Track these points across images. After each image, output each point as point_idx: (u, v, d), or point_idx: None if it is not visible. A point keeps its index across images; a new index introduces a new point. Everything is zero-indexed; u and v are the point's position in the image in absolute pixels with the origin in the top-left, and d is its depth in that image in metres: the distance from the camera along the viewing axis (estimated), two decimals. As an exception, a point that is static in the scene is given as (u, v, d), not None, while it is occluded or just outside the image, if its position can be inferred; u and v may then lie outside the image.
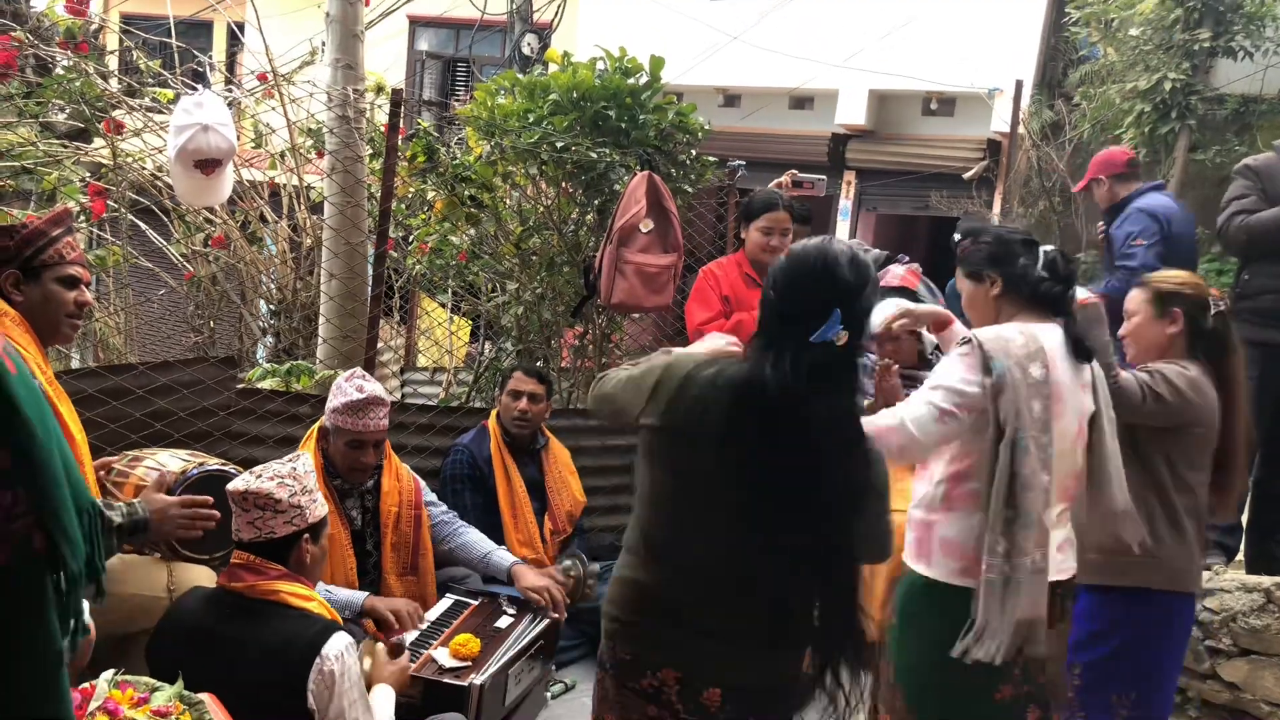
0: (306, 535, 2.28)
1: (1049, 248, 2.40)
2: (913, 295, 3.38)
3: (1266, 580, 3.74)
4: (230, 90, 5.65)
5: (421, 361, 6.71)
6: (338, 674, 2.13)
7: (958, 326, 2.65)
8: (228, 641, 2.17)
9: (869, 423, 2.09)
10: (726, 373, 1.90)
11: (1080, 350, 2.35)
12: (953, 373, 2.28)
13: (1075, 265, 2.47)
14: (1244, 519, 4.13)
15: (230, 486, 2.24)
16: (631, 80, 4.72)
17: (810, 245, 1.93)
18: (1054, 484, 2.27)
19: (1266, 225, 3.84)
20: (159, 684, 1.88)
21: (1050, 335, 2.32)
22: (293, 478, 2.26)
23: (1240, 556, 4.15)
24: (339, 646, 2.15)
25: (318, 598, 2.30)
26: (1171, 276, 2.85)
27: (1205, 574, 3.86)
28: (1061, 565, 2.37)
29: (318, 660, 2.11)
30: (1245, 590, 3.72)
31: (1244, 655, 3.69)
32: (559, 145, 4.54)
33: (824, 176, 5.13)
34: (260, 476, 2.24)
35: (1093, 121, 8.91)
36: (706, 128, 4.96)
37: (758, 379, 1.85)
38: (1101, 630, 2.72)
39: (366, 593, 3.11)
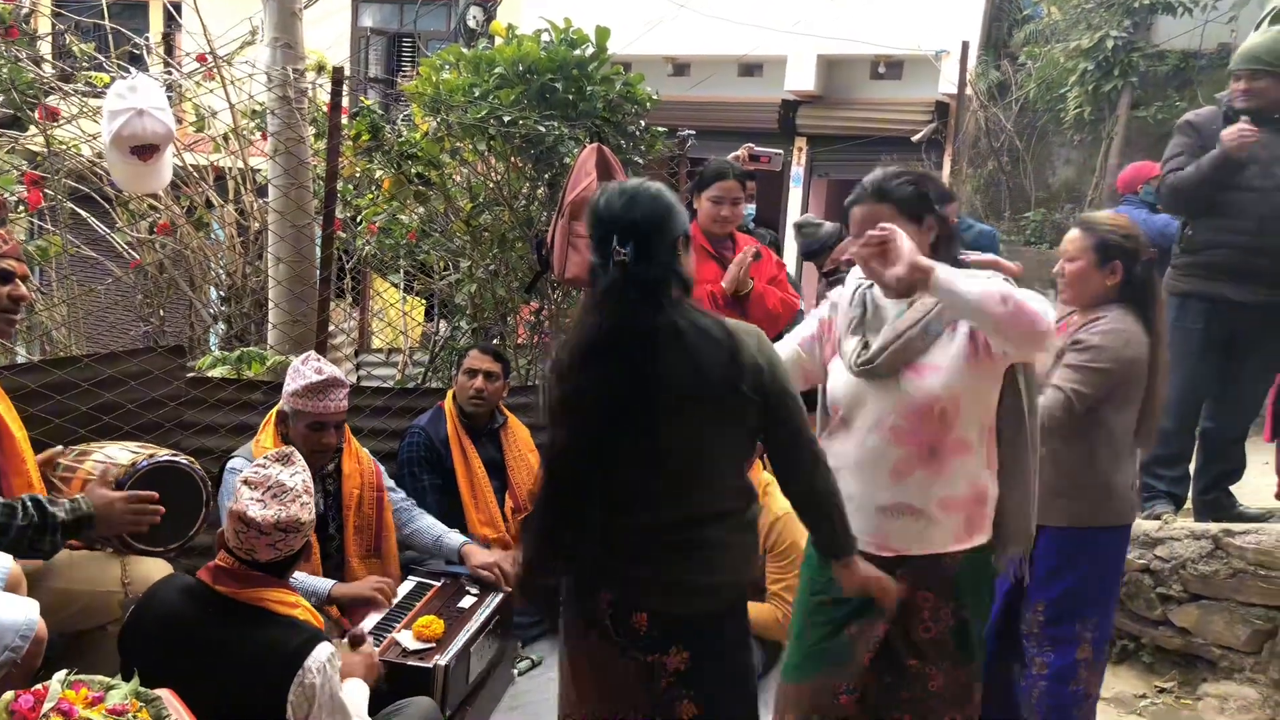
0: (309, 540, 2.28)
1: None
2: None
3: (1214, 527, 3.84)
4: (169, 73, 5.52)
5: (376, 343, 6.65)
6: (318, 686, 2.11)
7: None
8: (210, 642, 2.15)
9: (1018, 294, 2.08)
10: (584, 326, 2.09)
11: None
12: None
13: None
14: (1191, 468, 4.23)
15: (255, 517, 2.15)
16: (577, 52, 4.68)
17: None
18: None
19: (1187, 182, 3.91)
20: (114, 682, 1.86)
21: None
22: (307, 492, 2.23)
23: (1189, 505, 4.25)
24: (321, 658, 2.13)
25: (303, 603, 2.28)
26: (1110, 222, 2.87)
27: (1154, 523, 3.96)
28: None
29: (300, 673, 2.10)
30: (1194, 538, 3.82)
31: (1194, 601, 3.78)
32: (506, 119, 4.50)
33: (780, 150, 5.11)
34: (280, 498, 2.17)
35: (1038, 81, 8.98)
36: (655, 98, 4.94)
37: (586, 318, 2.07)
38: (1059, 566, 2.81)
39: (333, 581, 3.10)
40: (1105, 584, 2.90)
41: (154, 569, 2.68)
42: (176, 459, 2.66)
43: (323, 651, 2.14)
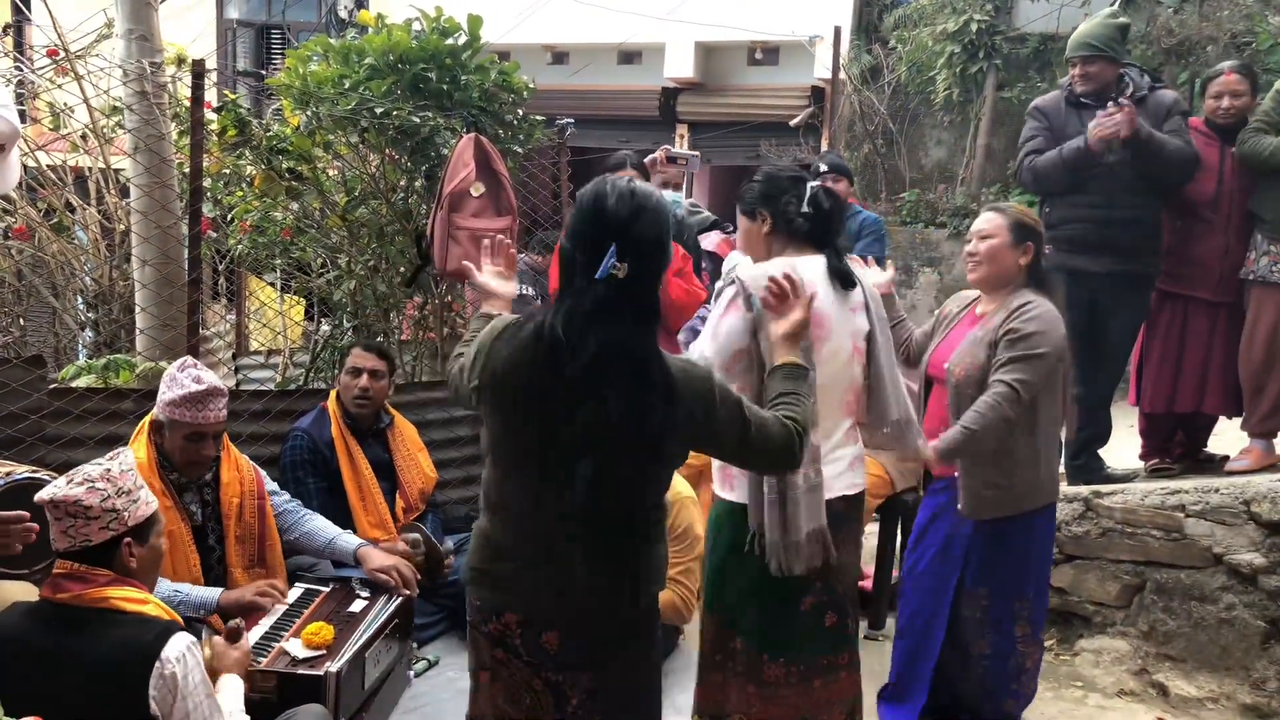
0: (128, 539, 2.16)
1: (814, 183, 2.51)
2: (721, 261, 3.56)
3: (1085, 490, 4.02)
4: (19, 69, 5.22)
5: (254, 345, 6.44)
6: (180, 676, 2.03)
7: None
8: (57, 657, 2.04)
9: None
10: (526, 325, 1.97)
11: (844, 279, 2.49)
12: (723, 322, 2.42)
13: (840, 201, 2.63)
14: (1062, 435, 4.41)
15: (38, 496, 2.09)
16: (450, 40, 4.58)
17: (586, 187, 1.99)
18: (835, 402, 2.48)
19: (1047, 166, 4.11)
20: (-28, 715, 1.76)
21: (812, 266, 2.45)
22: (105, 480, 2.12)
23: (1063, 469, 4.43)
24: (179, 648, 2.05)
25: (153, 599, 2.18)
26: (1020, 208, 3.03)
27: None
28: (851, 481, 2.54)
29: (158, 665, 2.01)
30: (1067, 501, 3.99)
31: (1069, 561, 3.96)
32: (379, 111, 4.39)
33: (698, 153, 5.20)
34: (71, 482, 2.10)
35: (909, 64, 9.23)
36: (531, 86, 4.88)
37: (547, 325, 1.91)
38: (996, 554, 2.94)
39: (220, 589, 3.01)
40: (1039, 562, 3.05)
41: (18, 592, 2.53)
42: (38, 476, 2.53)
43: (180, 641, 2.06)
